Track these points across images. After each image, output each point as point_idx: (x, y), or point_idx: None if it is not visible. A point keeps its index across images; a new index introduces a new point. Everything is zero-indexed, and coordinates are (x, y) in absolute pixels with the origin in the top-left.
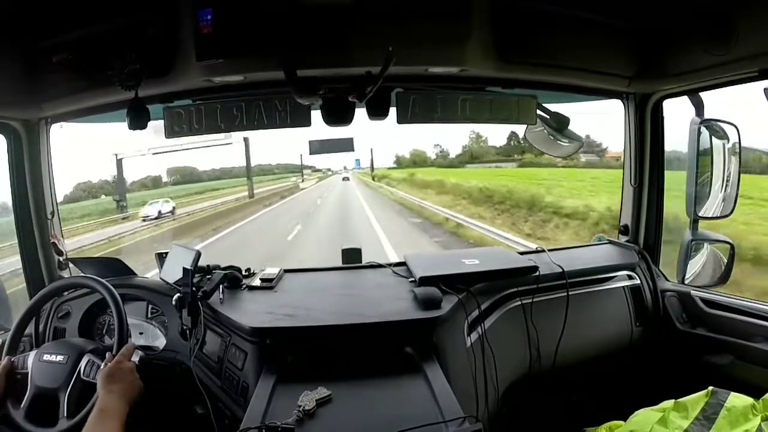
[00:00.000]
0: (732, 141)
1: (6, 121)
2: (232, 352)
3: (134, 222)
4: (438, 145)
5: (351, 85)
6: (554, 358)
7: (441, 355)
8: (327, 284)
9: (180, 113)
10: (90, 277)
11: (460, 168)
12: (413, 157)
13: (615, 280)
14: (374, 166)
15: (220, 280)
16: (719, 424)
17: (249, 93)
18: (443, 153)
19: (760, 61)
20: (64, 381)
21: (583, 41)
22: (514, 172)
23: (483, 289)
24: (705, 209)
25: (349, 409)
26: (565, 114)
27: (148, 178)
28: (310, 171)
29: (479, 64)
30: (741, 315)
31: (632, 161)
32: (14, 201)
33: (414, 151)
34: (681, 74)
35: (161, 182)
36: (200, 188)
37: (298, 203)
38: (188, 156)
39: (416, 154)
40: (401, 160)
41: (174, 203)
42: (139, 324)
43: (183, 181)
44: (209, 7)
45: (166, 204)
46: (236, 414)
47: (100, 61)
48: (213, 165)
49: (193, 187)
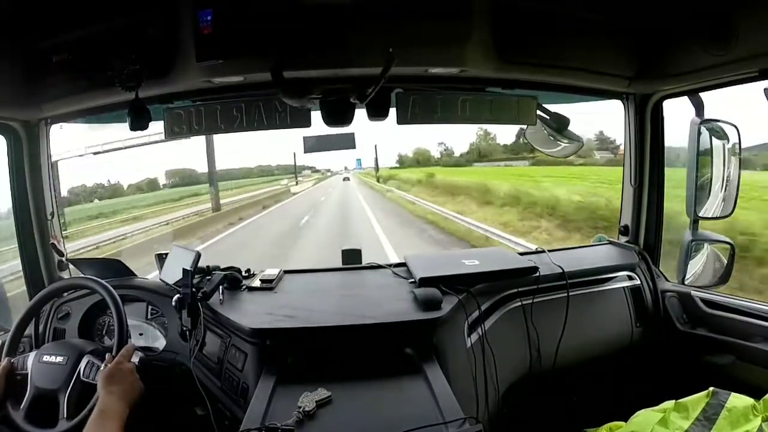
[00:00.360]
0: (732, 141)
1: (6, 121)
2: (232, 353)
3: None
4: (442, 143)
5: (352, 86)
6: (554, 358)
7: (441, 356)
8: (327, 285)
9: (180, 114)
10: (90, 278)
11: (468, 167)
12: (417, 156)
13: (615, 280)
14: (371, 167)
15: (219, 281)
16: (720, 424)
17: (249, 94)
18: (448, 151)
19: (760, 61)
20: (63, 382)
21: (583, 41)
22: (533, 171)
23: (483, 289)
24: (705, 209)
25: (349, 411)
26: (565, 114)
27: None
28: (309, 171)
29: (479, 64)
30: (741, 315)
31: (632, 161)
32: (14, 202)
33: (418, 150)
34: (681, 74)
35: (120, 190)
36: (160, 198)
37: (280, 216)
38: (186, 157)
39: (420, 153)
40: (404, 159)
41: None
42: (139, 325)
43: (182, 184)
44: (209, 8)
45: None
46: (236, 415)
47: (100, 61)
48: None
49: (154, 197)
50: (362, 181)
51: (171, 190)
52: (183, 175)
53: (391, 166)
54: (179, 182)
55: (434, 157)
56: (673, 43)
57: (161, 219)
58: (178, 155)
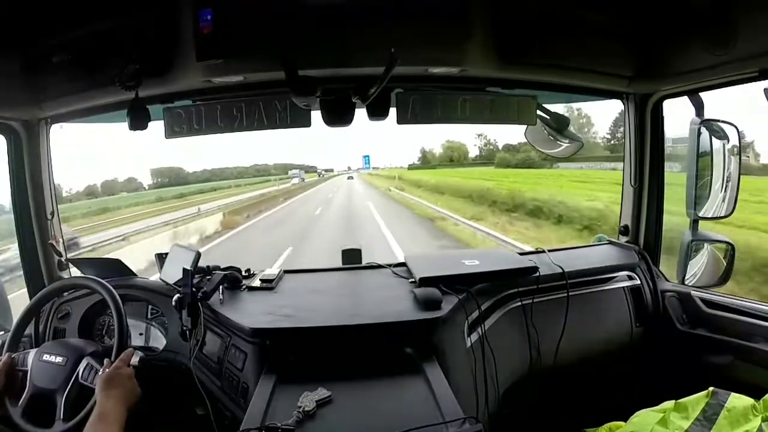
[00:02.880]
0: (732, 141)
1: (6, 121)
2: (232, 352)
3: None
4: (481, 135)
5: (353, 85)
6: (554, 358)
7: (441, 356)
8: (327, 285)
9: (180, 114)
10: (90, 277)
11: (544, 169)
12: (449, 151)
13: (615, 280)
14: (385, 166)
15: (219, 281)
16: (720, 424)
17: (249, 93)
18: (489, 145)
19: (760, 61)
20: (62, 383)
21: (583, 41)
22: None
23: (483, 289)
24: (705, 210)
25: (349, 410)
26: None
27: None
28: (299, 171)
29: (479, 64)
30: (741, 315)
31: (632, 161)
32: (14, 201)
33: (449, 144)
34: (681, 74)
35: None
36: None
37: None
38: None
39: (453, 148)
40: (428, 156)
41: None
42: (139, 324)
43: (168, 184)
44: (209, 8)
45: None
46: (236, 415)
47: (100, 61)
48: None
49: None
50: (368, 184)
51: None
52: (170, 174)
53: (411, 164)
54: (164, 183)
55: (464, 152)
56: (673, 43)
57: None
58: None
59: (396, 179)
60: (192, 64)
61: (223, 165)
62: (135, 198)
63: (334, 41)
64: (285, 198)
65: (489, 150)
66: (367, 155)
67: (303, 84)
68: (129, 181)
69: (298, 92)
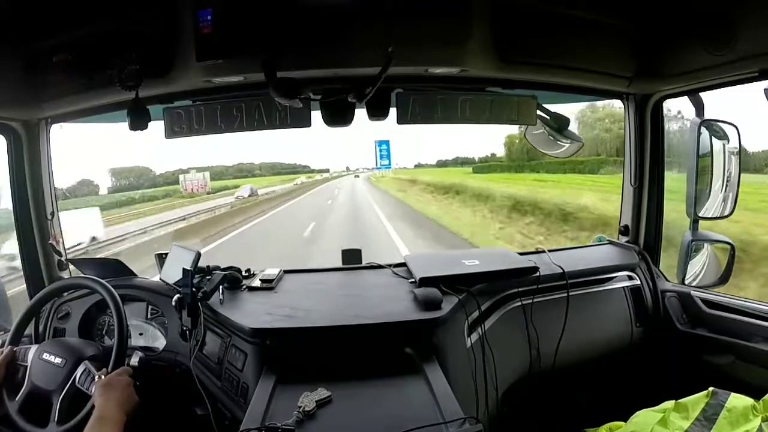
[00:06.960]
0: (732, 141)
1: (6, 121)
2: (232, 352)
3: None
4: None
5: (351, 85)
6: (554, 358)
7: (441, 356)
8: (327, 285)
9: (180, 114)
10: (90, 277)
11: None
12: (513, 145)
13: (615, 280)
14: (401, 166)
15: (219, 281)
16: (720, 424)
17: (249, 93)
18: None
19: (760, 61)
20: (59, 385)
21: (583, 41)
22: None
23: (483, 289)
24: (705, 210)
25: (349, 410)
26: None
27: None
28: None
29: (479, 64)
30: (741, 315)
31: (632, 161)
32: (14, 201)
33: (511, 138)
34: (681, 74)
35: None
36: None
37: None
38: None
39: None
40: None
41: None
42: (139, 325)
43: (129, 188)
44: (209, 8)
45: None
46: (236, 415)
47: (100, 61)
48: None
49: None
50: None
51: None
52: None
53: (461, 158)
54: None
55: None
56: (673, 43)
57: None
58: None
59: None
60: (192, 64)
61: (202, 164)
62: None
63: (334, 41)
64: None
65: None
66: (386, 141)
67: (283, 83)
68: (81, 185)
69: (280, 92)
